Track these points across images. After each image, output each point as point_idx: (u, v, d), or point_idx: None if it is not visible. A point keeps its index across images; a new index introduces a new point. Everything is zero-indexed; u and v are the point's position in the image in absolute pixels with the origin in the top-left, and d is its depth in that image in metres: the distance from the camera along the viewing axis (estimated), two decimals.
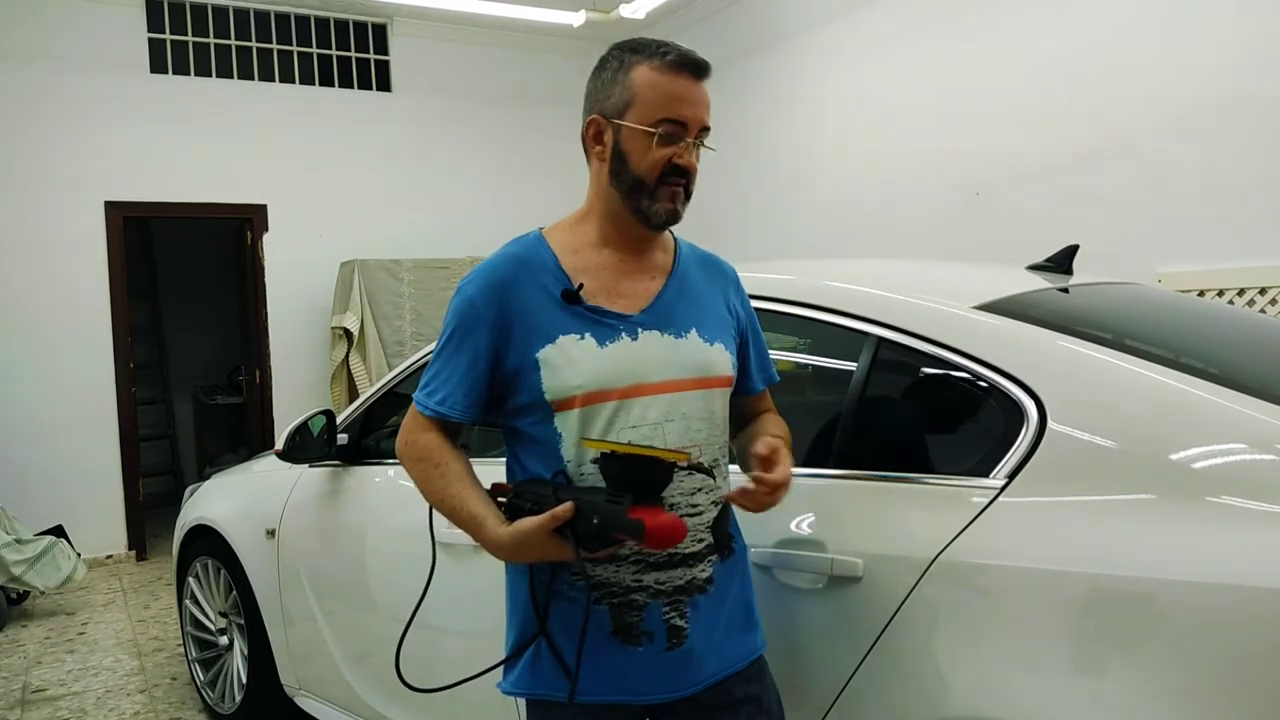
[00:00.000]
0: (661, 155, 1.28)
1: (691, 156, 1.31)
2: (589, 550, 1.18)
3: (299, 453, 2.45)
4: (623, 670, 1.29)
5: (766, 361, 1.51)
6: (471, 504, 1.27)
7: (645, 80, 1.28)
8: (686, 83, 1.29)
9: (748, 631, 1.38)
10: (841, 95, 5.01)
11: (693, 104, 1.29)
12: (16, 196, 5.12)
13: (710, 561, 1.32)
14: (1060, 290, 1.81)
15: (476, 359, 1.31)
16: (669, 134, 1.28)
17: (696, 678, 1.31)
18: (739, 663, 1.35)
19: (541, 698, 1.31)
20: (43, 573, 4.31)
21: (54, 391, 5.19)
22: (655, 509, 1.16)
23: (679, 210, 1.32)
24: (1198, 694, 1.09)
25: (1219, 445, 1.22)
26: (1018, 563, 1.27)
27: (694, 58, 1.30)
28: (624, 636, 1.28)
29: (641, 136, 1.28)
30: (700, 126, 1.30)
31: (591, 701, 1.29)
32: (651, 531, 1.12)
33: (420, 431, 1.36)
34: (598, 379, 1.26)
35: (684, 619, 1.29)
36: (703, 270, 1.44)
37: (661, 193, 1.30)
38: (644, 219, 1.31)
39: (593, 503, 1.16)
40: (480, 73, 6.41)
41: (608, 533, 1.14)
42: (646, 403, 1.27)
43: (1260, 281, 3.25)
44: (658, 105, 1.28)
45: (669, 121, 1.28)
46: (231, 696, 2.96)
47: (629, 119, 1.29)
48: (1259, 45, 3.24)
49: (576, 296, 1.30)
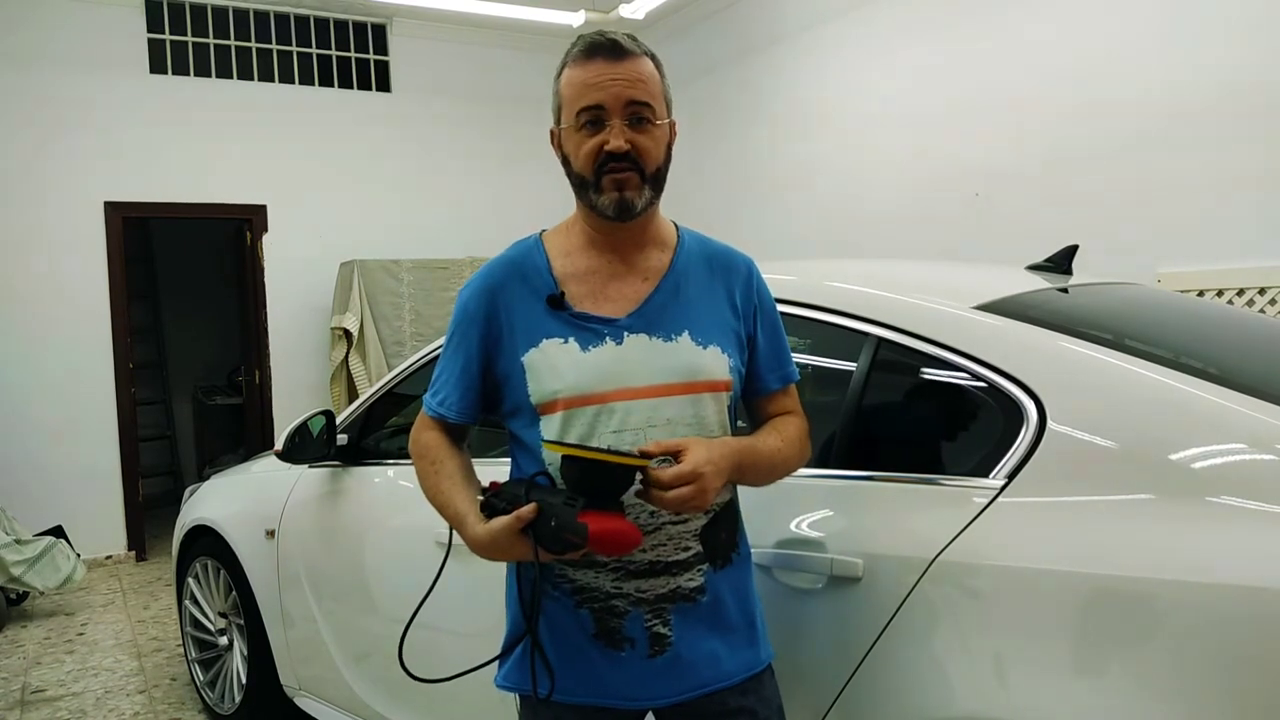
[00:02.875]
0: (590, 146, 1.26)
1: (620, 138, 1.25)
2: (552, 552, 1.16)
3: (299, 453, 2.45)
4: (605, 674, 1.29)
5: (784, 359, 1.42)
6: (458, 502, 1.28)
7: (566, 80, 1.29)
8: (600, 66, 1.26)
9: (749, 645, 1.35)
10: (842, 95, 5.01)
11: (605, 86, 1.25)
12: (16, 196, 5.12)
13: (701, 571, 1.30)
14: (1060, 290, 1.81)
15: (470, 361, 1.34)
16: (591, 121, 1.26)
17: (685, 687, 1.29)
18: (734, 676, 1.32)
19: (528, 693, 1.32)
20: (42, 573, 4.31)
21: (54, 391, 5.19)
22: (608, 514, 1.15)
23: (628, 198, 1.27)
24: (1197, 694, 1.08)
25: (1219, 445, 1.22)
26: (1017, 563, 1.27)
27: (603, 39, 1.27)
28: (606, 641, 1.28)
29: (572, 134, 1.29)
30: (625, 103, 1.25)
31: (575, 702, 1.29)
32: (595, 536, 1.12)
33: (424, 430, 1.40)
34: (579, 383, 1.26)
35: (667, 627, 1.28)
36: (707, 267, 1.38)
37: (604, 183, 1.26)
38: (599, 214, 1.29)
39: (552, 504, 1.16)
40: (480, 73, 6.41)
41: (562, 535, 1.13)
42: (629, 407, 1.26)
43: (1260, 281, 3.25)
44: (575, 98, 1.27)
45: (587, 109, 1.26)
46: (231, 697, 2.96)
47: (563, 121, 1.30)
48: (1259, 45, 3.24)
49: (560, 301, 1.30)
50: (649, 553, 1.27)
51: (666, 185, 1.33)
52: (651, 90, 1.28)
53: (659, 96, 1.29)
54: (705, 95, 5.87)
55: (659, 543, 1.27)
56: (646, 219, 1.34)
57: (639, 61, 1.28)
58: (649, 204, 1.30)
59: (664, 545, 1.28)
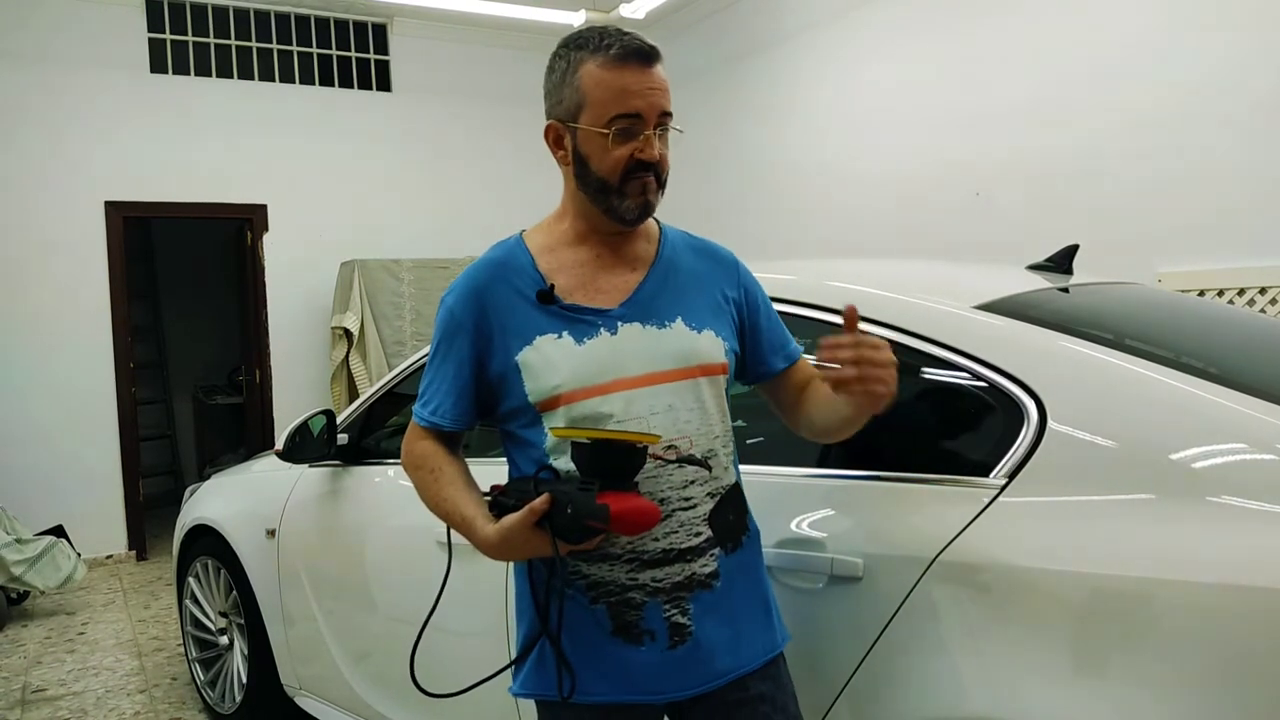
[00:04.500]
0: (622, 154, 1.25)
1: (654, 149, 1.25)
2: (570, 543, 1.16)
3: (299, 453, 2.45)
4: (627, 670, 1.28)
5: (785, 339, 1.44)
6: (463, 506, 1.27)
7: (593, 79, 1.24)
8: (635, 73, 1.24)
9: (765, 629, 1.35)
10: (842, 95, 5.02)
11: (644, 94, 1.23)
12: (16, 196, 5.12)
13: (713, 556, 1.30)
14: (1060, 290, 1.81)
15: (461, 367, 1.32)
16: (625, 130, 1.24)
17: (707, 675, 1.29)
18: (755, 660, 1.32)
19: (548, 699, 1.31)
20: (43, 573, 4.32)
21: (54, 391, 5.19)
22: (625, 494, 1.14)
23: (651, 201, 1.28)
24: (1197, 694, 1.09)
25: (1219, 445, 1.22)
26: (1018, 562, 1.27)
27: (639, 44, 1.25)
28: (625, 636, 1.27)
29: (597, 138, 1.25)
30: (658, 114, 1.25)
31: (598, 702, 1.28)
32: (618, 515, 1.11)
33: (417, 440, 1.38)
34: (577, 377, 1.26)
35: (686, 616, 1.27)
36: (694, 257, 1.39)
37: (630, 188, 1.26)
38: (617, 217, 1.29)
39: (567, 492, 1.15)
40: (480, 73, 6.42)
41: (581, 522, 1.13)
42: (629, 396, 1.26)
43: (1260, 281, 3.25)
44: (609, 103, 1.24)
45: (623, 117, 1.23)
46: (231, 696, 2.96)
47: (583, 121, 1.26)
48: (1259, 45, 3.24)
49: (551, 296, 1.29)
50: (661, 540, 1.26)
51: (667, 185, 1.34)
52: (671, 99, 1.29)
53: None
54: (705, 95, 5.87)
55: (670, 529, 1.27)
56: None
57: (661, 68, 1.28)
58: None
59: (675, 532, 1.27)
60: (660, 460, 1.25)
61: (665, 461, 1.25)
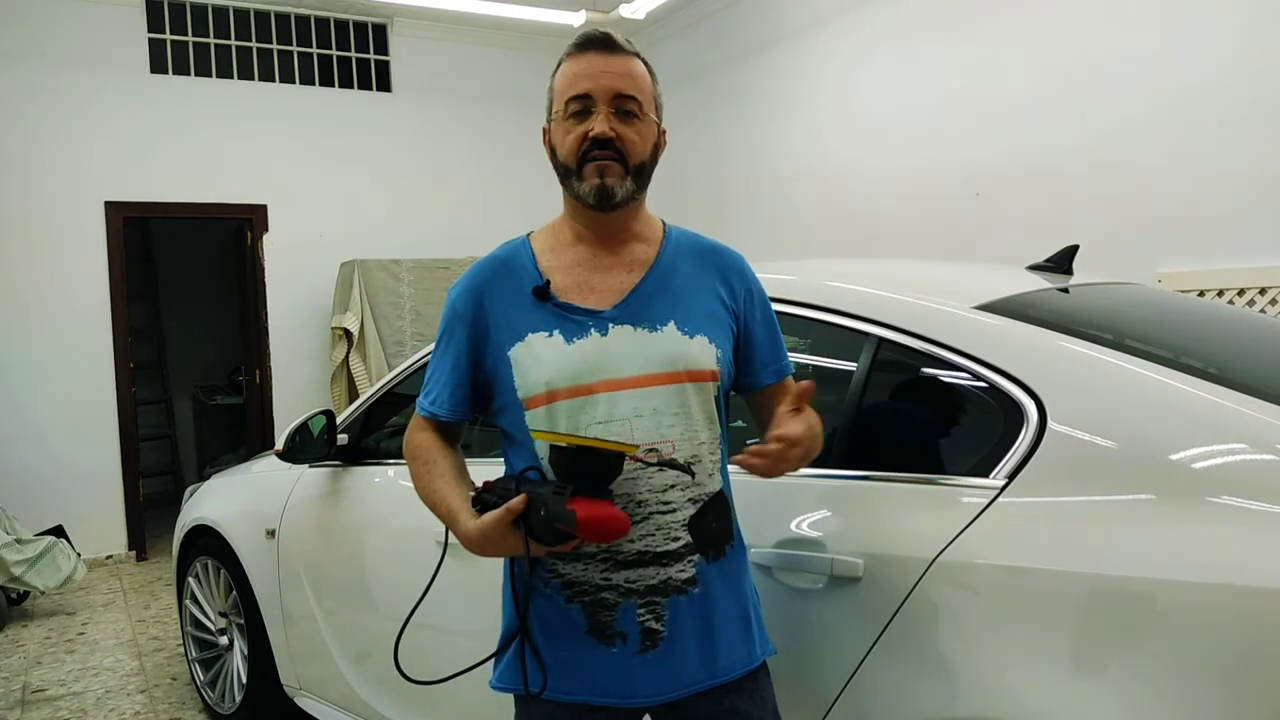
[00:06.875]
0: (576, 133, 1.28)
1: (604, 124, 1.27)
2: (543, 544, 1.17)
3: (299, 453, 2.45)
4: (597, 670, 1.28)
5: (779, 353, 1.42)
6: (450, 499, 1.29)
7: (559, 73, 1.33)
8: (591, 58, 1.29)
9: (744, 640, 1.33)
10: (842, 95, 5.01)
11: (595, 76, 1.28)
12: (16, 196, 5.12)
13: (692, 562, 1.29)
14: (1060, 290, 1.81)
15: (459, 359, 1.36)
16: (577, 110, 1.28)
17: (676, 683, 1.28)
18: (729, 673, 1.31)
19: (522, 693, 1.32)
20: (43, 573, 4.32)
21: (54, 392, 5.19)
22: (597, 501, 1.15)
23: (609, 185, 1.27)
24: (1198, 694, 1.09)
25: (1219, 445, 1.22)
26: (1018, 563, 1.27)
27: (597, 34, 1.31)
28: (598, 636, 1.28)
29: (560, 124, 1.31)
30: (612, 94, 1.28)
31: (568, 700, 1.29)
32: (584, 522, 1.12)
33: (417, 431, 1.41)
34: (564, 375, 1.27)
35: (660, 622, 1.27)
36: (696, 260, 1.38)
37: (586, 170, 1.28)
38: (582, 203, 1.31)
39: (542, 494, 1.16)
40: (480, 73, 6.42)
41: (552, 524, 1.14)
42: (613, 398, 1.26)
43: (1260, 281, 3.25)
44: (565, 89, 1.30)
45: (576, 99, 1.28)
46: (231, 696, 2.96)
47: (552, 113, 1.33)
48: (1258, 45, 3.24)
49: (546, 293, 1.31)
50: (637, 543, 1.26)
51: (667, 186, 1.34)
52: (640, 86, 1.31)
53: (648, 95, 1.32)
54: (705, 95, 5.87)
55: (647, 533, 1.27)
56: (630, 212, 1.34)
57: (630, 59, 1.31)
58: (631, 196, 1.30)
59: (652, 535, 1.27)
60: (641, 463, 1.25)
61: (646, 464, 1.25)
